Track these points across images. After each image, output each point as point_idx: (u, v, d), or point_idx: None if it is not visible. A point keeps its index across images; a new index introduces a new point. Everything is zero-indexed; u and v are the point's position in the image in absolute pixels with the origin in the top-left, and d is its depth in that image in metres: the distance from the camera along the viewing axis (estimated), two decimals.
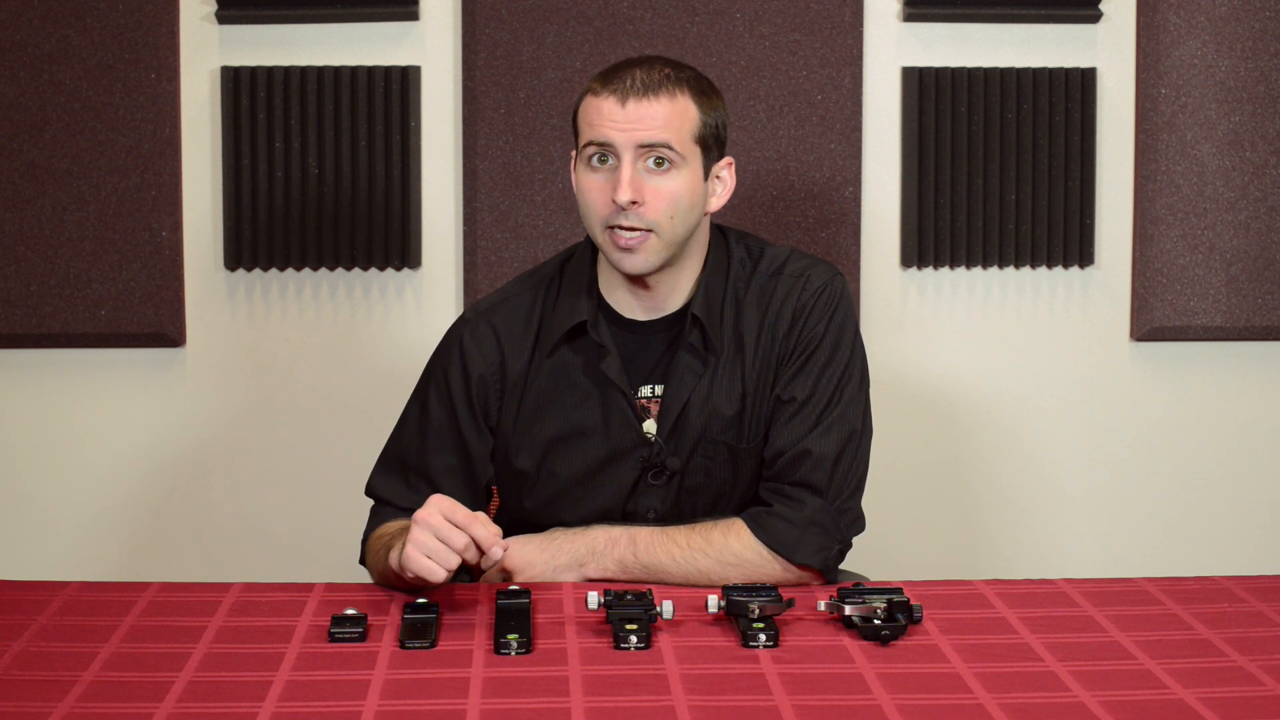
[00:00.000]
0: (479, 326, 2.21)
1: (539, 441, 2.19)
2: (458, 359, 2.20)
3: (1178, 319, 3.28)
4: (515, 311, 2.21)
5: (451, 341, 2.23)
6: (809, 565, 2.10)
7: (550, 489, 2.20)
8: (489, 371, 2.19)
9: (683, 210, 2.09)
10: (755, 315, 2.17)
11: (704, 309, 2.15)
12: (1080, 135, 3.23)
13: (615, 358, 2.15)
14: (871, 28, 3.22)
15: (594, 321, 2.16)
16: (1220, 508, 3.38)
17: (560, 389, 2.18)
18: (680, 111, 2.08)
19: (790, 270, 2.19)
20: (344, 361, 3.25)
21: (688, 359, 2.16)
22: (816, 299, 2.17)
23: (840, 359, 2.16)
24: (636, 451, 2.17)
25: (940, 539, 3.35)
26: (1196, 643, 1.82)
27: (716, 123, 2.13)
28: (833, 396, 2.15)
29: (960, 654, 1.78)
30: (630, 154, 2.06)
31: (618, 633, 1.81)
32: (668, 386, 2.16)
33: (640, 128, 2.06)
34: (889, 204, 3.26)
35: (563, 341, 2.18)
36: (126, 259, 3.15)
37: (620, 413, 2.16)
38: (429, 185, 3.21)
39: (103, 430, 3.25)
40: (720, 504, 2.19)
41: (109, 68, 3.11)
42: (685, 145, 2.08)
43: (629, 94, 2.06)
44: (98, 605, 1.96)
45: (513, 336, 2.20)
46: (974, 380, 3.33)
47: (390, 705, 1.63)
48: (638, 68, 2.09)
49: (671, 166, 2.07)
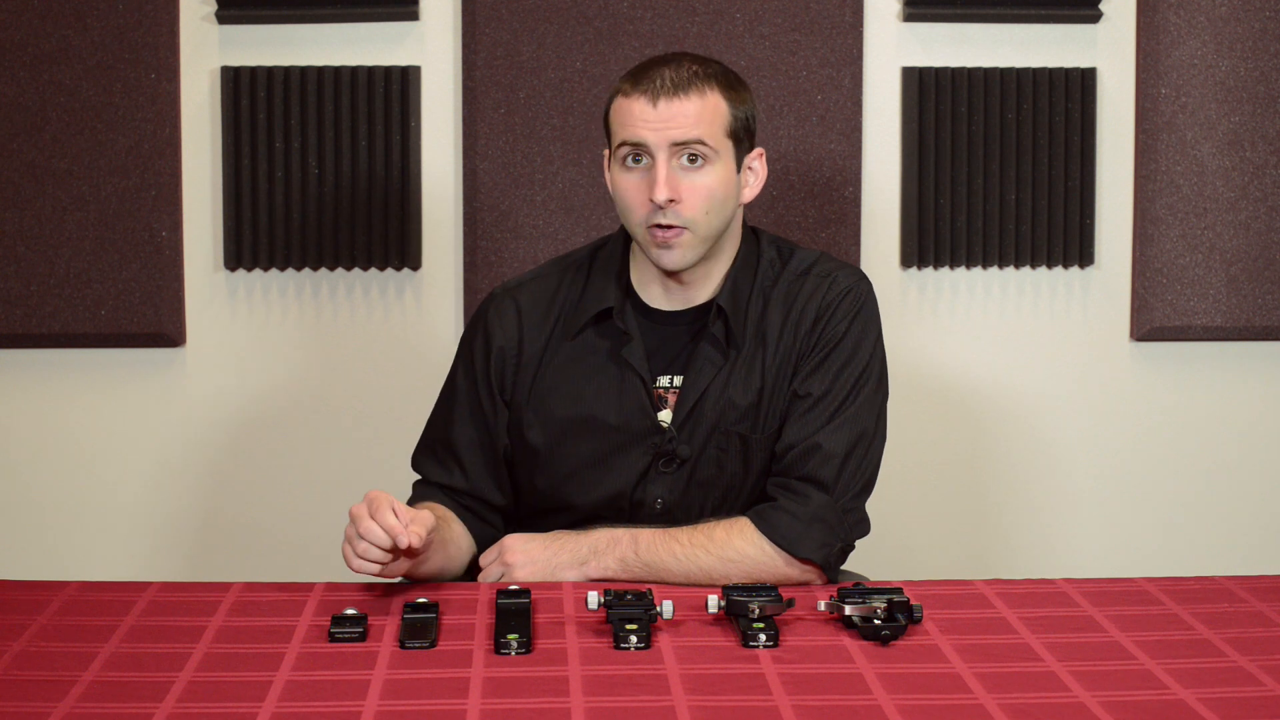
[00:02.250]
0: (504, 301, 2.28)
1: (553, 420, 2.22)
2: (481, 332, 2.28)
3: (1178, 319, 3.28)
4: (541, 291, 2.27)
5: (479, 316, 2.31)
6: (810, 560, 2.10)
7: (561, 469, 2.23)
8: (507, 344, 2.25)
9: (718, 204, 2.14)
10: (780, 312, 2.20)
11: (729, 302, 2.19)
12: (1080, 135, 3.23)
13: (639, 344, 2.20)
14: (871, 28, 3.22)
15: (620, 309, 2.21)
16: (1220, 508, 3.38)
17: (579, 371, 2.22)
18: (711, 107, 2.12)
19: (818, 271, 2.23)
20: (344, 361, 3.25)
21: (709, 350, 2.19)
22: (842, 299, 2.20)
23: (860, 359, 2.18)
24: (649, 438, 2.19)
25: (940, 539, 3.35)
26: (1196, 643, 1.82)
27: (746, 115, 2.17)
28: (849, 395, 2.16)
29: (960, 654, 1.78)
30: (664, 153, 2.10)
31: (618, 633, 1.81)
32: (687, 376, 2.19)
33: (673, 126, 2.10)
34: (889, 204, 3.26)
35: (589, 325, 2.22)
36: (126, 259, 3.15)
37: (636, 398, 2.19)
38: (429, 185, 3.21)
39: (103, 430, 3.25)
40: (730, 498, 2.21)
41: (109, 68, 3.11)
42: (718, 140, 2.13)
43: (660, 93, 2.10)
44: (98, 605, 1.96)
45: (534, 314, 2.25)
46: (973, 380, 3.33)
47: (390, 705, 1.63)
48: (666, 66, 2.13)
49: (705, 162, 2.12)
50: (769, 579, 2.06)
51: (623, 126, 2.13)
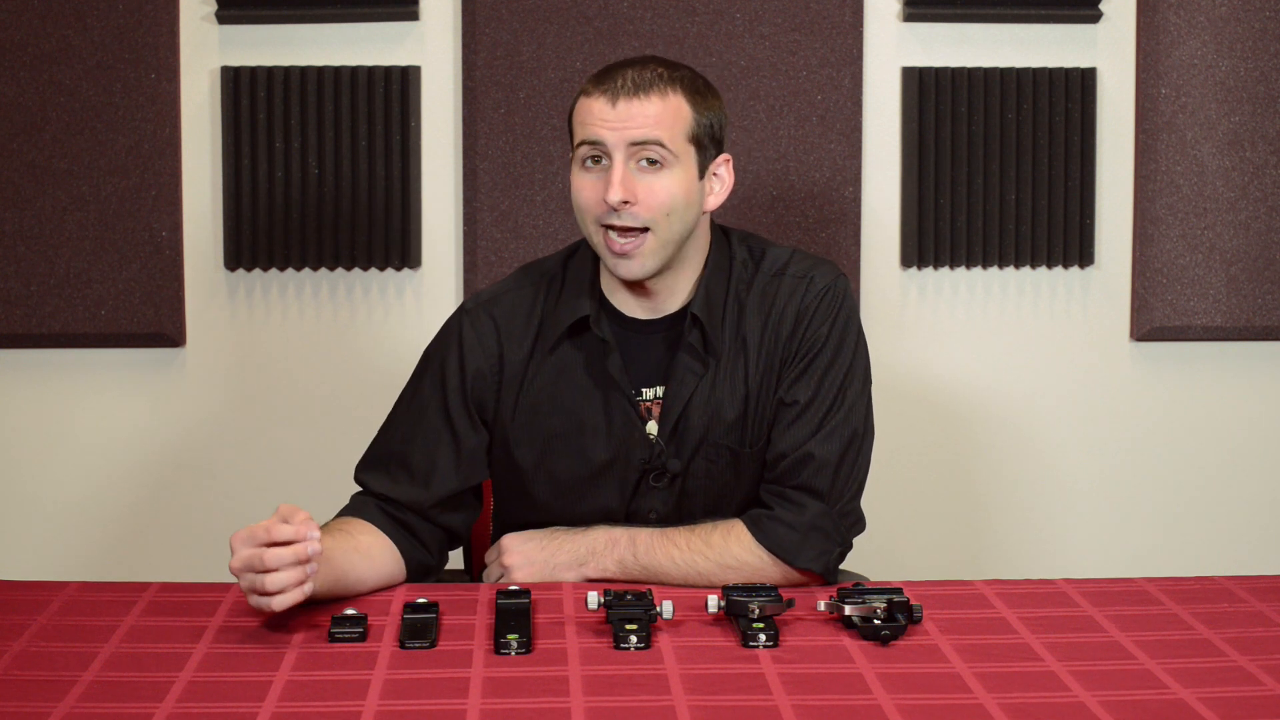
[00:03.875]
0: (479, 317, 2.19)
1: (539, 437, 2.17)
2: (455, 350, 2.19)
3: (1178, 319, 3.28)
4: (517, 305, 2.20)
5: (450, 331, 2.21)
6: (810, 570, 2.10)
7: (550, 488, 2.19)
8: (487, 365, 2.17)
9: (679, 208, 2.07)
10: (758, 317, 2.16)
11: (704, 309, 2.14)
12: (1080, 135, 3.23)
13: (617, 355, 2.14)
14: (871, 28, 3.22)
15: (596, 318, 2.15)
16: (1220, 508, 3.38)
17: (562, 387, 2.17)
18: (673, 110, 2.07)
19: (793, 271, 2.18)
20: (344, 361, 3.25)
21: (687, 360, 2.15)
22: (820, 301, 2.16)
23: (843, 361, 2.15)
24: (638, 453, 2.16)
25: (940, 539, 3.35)
26: (1196, 643, 1.82)
27: (711, 122, 2.11)
28: (835, 400, 2.14)
29: (960, 654, 1.78)
30: (621, 153, 2.05)
31: (618, 633, 1.81)
32: (668, 388, 2.15)
33: (631, 126, 2.04)
34: (889, 204, 3.26)
35: (564, 338, 2.16)
36: (126, 259, 3.15)
37: (622, 413, 2.15)
38: (429, 185, 3.21)
39: (103, 430, 3.25)
40: (721, 506, 2.19)
41: (109, 68, 3.11)
42: (677, 143, 2.07)
43: (620, 93, 2.05)
44: (98, 605, 1.96)
45: (513, 330, 2.18)
46: (974, 380, 3.33)
47: (390, 705, 1.63)
48: (630, 68, 2.09)
49: (664, 165, 2.06)
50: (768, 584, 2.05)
51: (582, 125, 2.08)
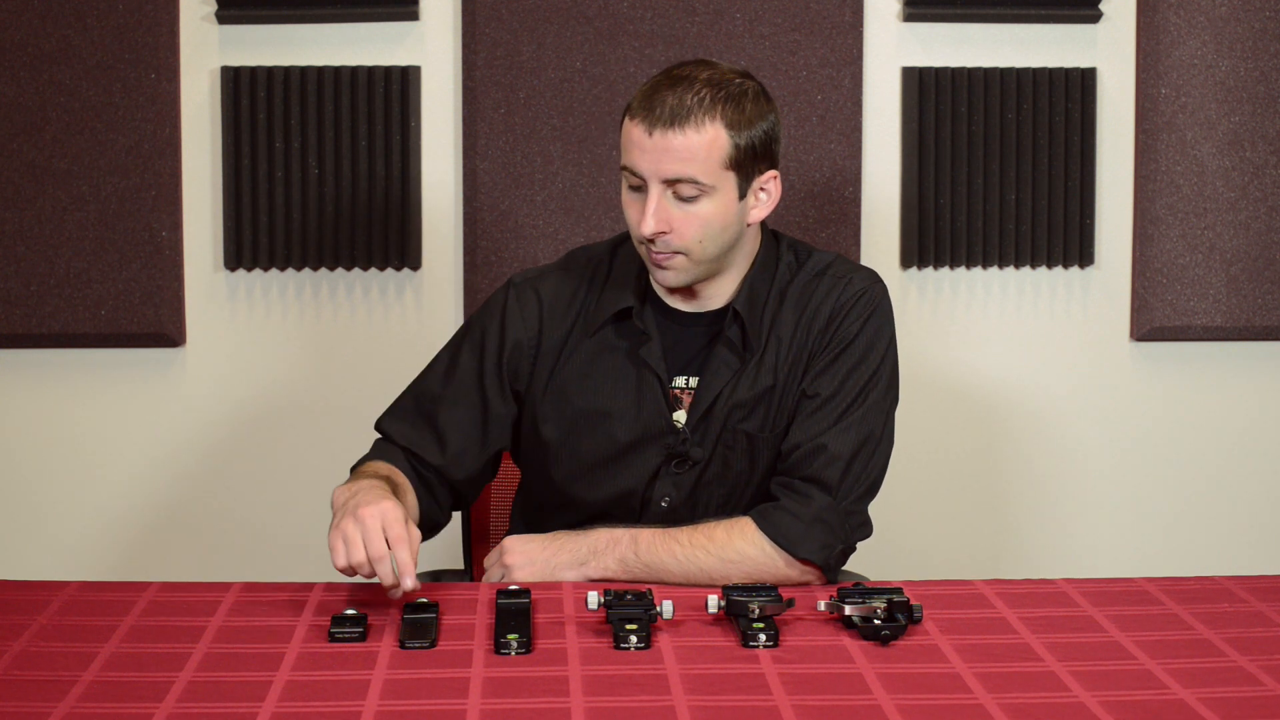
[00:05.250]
0: (525, 291, 2.26)
1: (567, 414, 2.22)
2: (498, 318, 2.25)
3: (1178, 319, 3.28)
4: (562, 286, 2.25)
5: (495, 302, 2.27)
6: (811, 560, 2.10)
7: (573, 465, 2.22)
8: (526, 337, 2.23)
9: (714, 233, 2.10)
10: (793, 311, 2.20)
11: (746, 307, 2.18)
12: (1080, 135, 3.23)
13: (656, 344, 2.19)
14: (871, 28, 3.22)
15: (640, 309, 2.20)
16: (1220, 508, 3.38)
17: (597, 368, 2.21)
18: (707, 143, 2.06)
19: (834, 272, 2.22)
20: (344, 361, 3.25)
21: (724, 353, 2.19)
22: (856, 300, 2.19)
23: (870, 362, 2.17)
24: (663, 438, 2.19)
25: (939, 539, 3.35)
26: (1196, 643, 1.82)
27: (753, 141, 2.10)
28: (857, 397, 2.16)
29: (960, 654, 1.78)
30: (657, 186, 2.07)
31: (618, 633, 1.81)
32: (702, 378, 2.19)
33: (664, 161, 2.05)
34: (889, 204, 3.26)
35: (608, 324, 2.21)
36: (126, 259, 3.15)
37: (653, 398, 2.19)
38: (429, 185, 3.21)
39: (103, 430, 3.25)
40: (734, 497, 2.21)
41: (109, 68, 3.11)
42: (713, 175, 2.07)
43: (656, 123, 2.05)
44: (98, 605, 1.96)
45: (556, 307, 2.23)
46: (973, 381, 3.33)
47: (390, 705, 1.63)
48: (673, 90, 2.07)
49: (701, 195, 2.08)
50: (769, 579, 2.05)
51: (624, 149, 2.10)
